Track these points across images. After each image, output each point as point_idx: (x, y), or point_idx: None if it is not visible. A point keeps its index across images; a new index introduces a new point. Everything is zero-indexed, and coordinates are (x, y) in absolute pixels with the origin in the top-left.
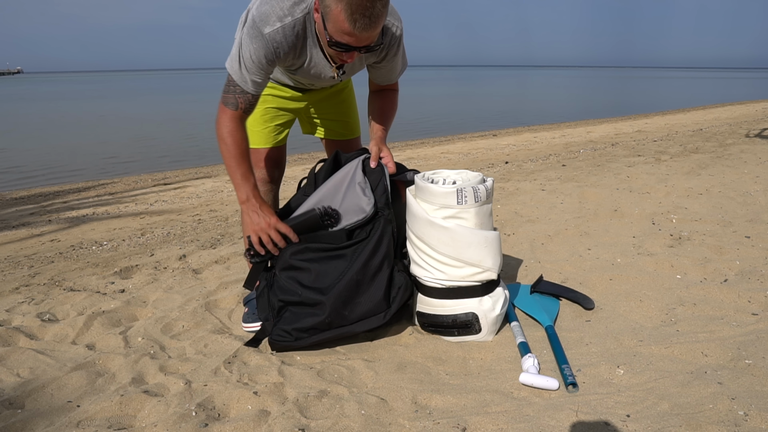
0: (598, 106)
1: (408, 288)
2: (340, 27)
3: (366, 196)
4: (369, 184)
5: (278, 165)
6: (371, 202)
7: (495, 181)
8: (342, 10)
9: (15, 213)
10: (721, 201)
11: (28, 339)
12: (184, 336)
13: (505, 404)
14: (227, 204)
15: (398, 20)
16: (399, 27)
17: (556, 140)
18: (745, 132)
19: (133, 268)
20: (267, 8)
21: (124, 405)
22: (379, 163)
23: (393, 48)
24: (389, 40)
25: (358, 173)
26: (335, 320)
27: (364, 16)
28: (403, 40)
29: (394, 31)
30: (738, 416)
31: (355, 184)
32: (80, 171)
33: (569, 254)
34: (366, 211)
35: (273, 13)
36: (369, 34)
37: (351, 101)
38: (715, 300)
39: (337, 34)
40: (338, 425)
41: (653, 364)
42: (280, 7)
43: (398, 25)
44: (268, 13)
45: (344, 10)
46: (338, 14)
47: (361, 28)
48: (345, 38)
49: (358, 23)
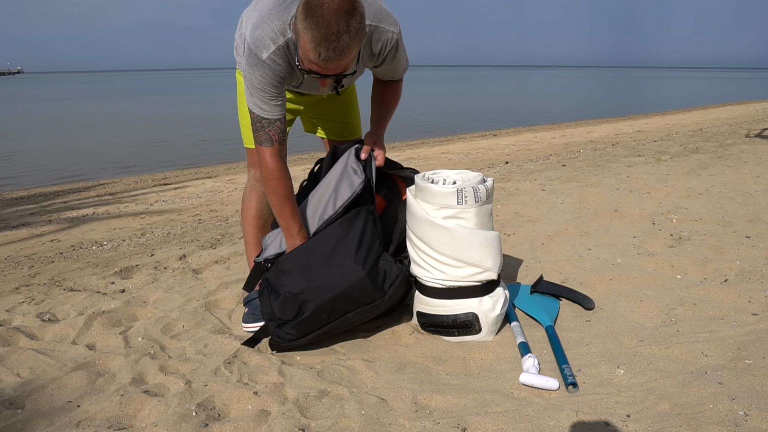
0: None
1: (405, 279)
2: (307, 56)
3: (357, 175)
4: (360, 166)
5: None
6: (360, 179)
7: (495, 181)
8: (308, 40)
9: (15, 213)
10: (722, 201)
11: (29, 339)
12: (184, 336)
13: (506, 404)
14: (227, 204)
15: (393, 25)
16: (395, 32)
17: (556, 140)
18: (745, 132)
19: (133, 268)
20: (259, 33)
21: (124, 405)
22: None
23: (391, 53)
24: (385, 47)
25: (351, 158)
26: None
27: (329, 49)
28: (402, 42)
29: (390, 38)
30: (738, 416)
31: (348, 167)
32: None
33: (569, 254)
34: (355, 186)
35: (266, 36)
36: (335, 65)
37: (352, 102)
38: (715, 300)
39: (305, 61)
40: (338, 425)
41: (653, 364)
42: (271, 29)
43: (393, 30)
44: (262, 38)
45: (310, 40)
46: (305, 43)
47: (325, 60)
48: (312, 66)
49: (323, 55)
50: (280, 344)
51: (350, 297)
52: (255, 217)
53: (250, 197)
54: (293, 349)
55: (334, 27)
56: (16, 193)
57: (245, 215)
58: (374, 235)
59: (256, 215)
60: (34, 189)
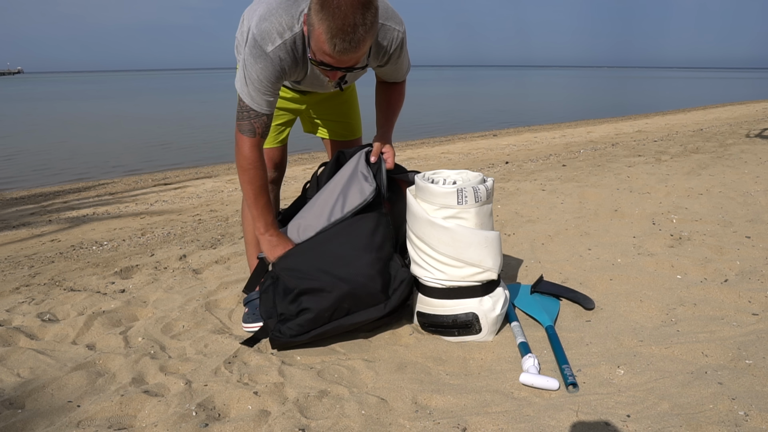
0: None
1: (410, 284)
2: (321, 47)
3: (368, 182)
4: (371, 172)
5: (279, 165)
6: (372, 187)
7: (495, 181)
8: (323, 31)
9: (15, 213)
10: (722, 201)
11: (29, 339)
12: (184, 336)
13: (506, 404)
14: (227, 204)
15: (399, 24)
16: (400, 31)
17: (556, 140)
18: (745, 132)
19: (133, 268)
20: (266, 25)
21: (124, 405)
22: (379, 158)
23: (396, 52)
24: (390, 45)
25: (361, 163)
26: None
27: (344, 41)
28: (406, 43)
29: (396, 36)
30: (738, 416)
31: (358, 172)
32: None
33: (569, 254)
34: (366, 194)
35: (273, 29)
36: (349, 57)
37: (353, 102)
38: (715, 300)
39: (319, 53)
40: (338, 425)
41: (653, 364)
42: (279, 22)
43: (399, 30)
44: (269, 30)
45: (325, 31)
46: (320, 35)
47: (340, 52)
48: (326, 58)
49: (338, 47)
50: (281, 339)
51: (356, 297)
52: None
53: None
54: (293, 345)
55: (350, 19)
56: (16, 193)
57: (245, 215)
58: (386, 236)
59: None
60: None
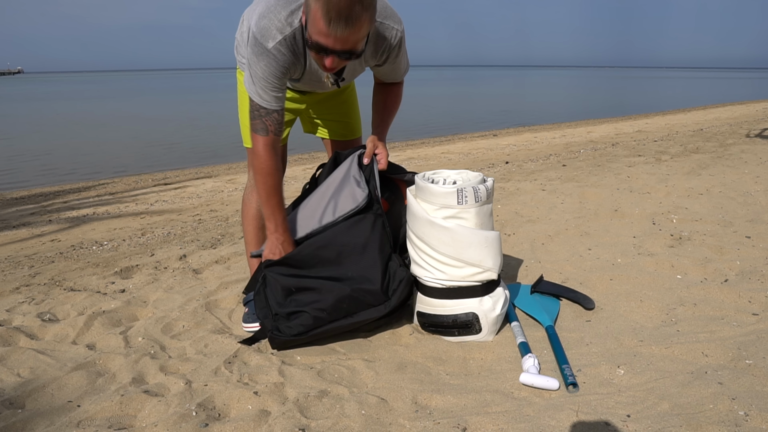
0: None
1: (409, 283)
2: (317, 26)
3: (360, 188)
4: (364, 177)
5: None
6: (364, 193)
7: (495, 181)
8: (319, 8)
9: (15, 213)
10: (722, 201)
11: (29, 339)
12: (184, 336)
13: (506, 404)
14: (228, 204)
15: (398, 23)
16: (399, 30)
17: (556, 140)
18: (745, 132)
19: (133, 268)
20: (265, 22)
21: (124, 405)
22: (372, 159)
23: (394, 51)
24: (389, 44)
25: (354, 167)
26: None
27: (340, 16)
28: (404, 42)
29: (394, 35)
30: (738, 416)
31: (351, 176)
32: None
33: (569, 254)
34: (358, 201)
35: (272, 26)
36: (346, 36)
37: (352, 102)
38: (715, 300)
39: (315, 33)
40: (338, 425)
41: (653, 364)
42: (278, 18)
43: (398, 28)
44: (268, 27)
45: (321, 7)
46: (316, 12)
47: (335, 27)
48: (322, 39)
49: (333, 22)
50: (280, 338)
51: (355, 298)
52: (255, 217)
53: (251, 197)
54: (293, 345)
55: None
56: (16, 193)
57: (245, 215)
58: (383, 237)
59: (256, 215)
60: (35, 189)
